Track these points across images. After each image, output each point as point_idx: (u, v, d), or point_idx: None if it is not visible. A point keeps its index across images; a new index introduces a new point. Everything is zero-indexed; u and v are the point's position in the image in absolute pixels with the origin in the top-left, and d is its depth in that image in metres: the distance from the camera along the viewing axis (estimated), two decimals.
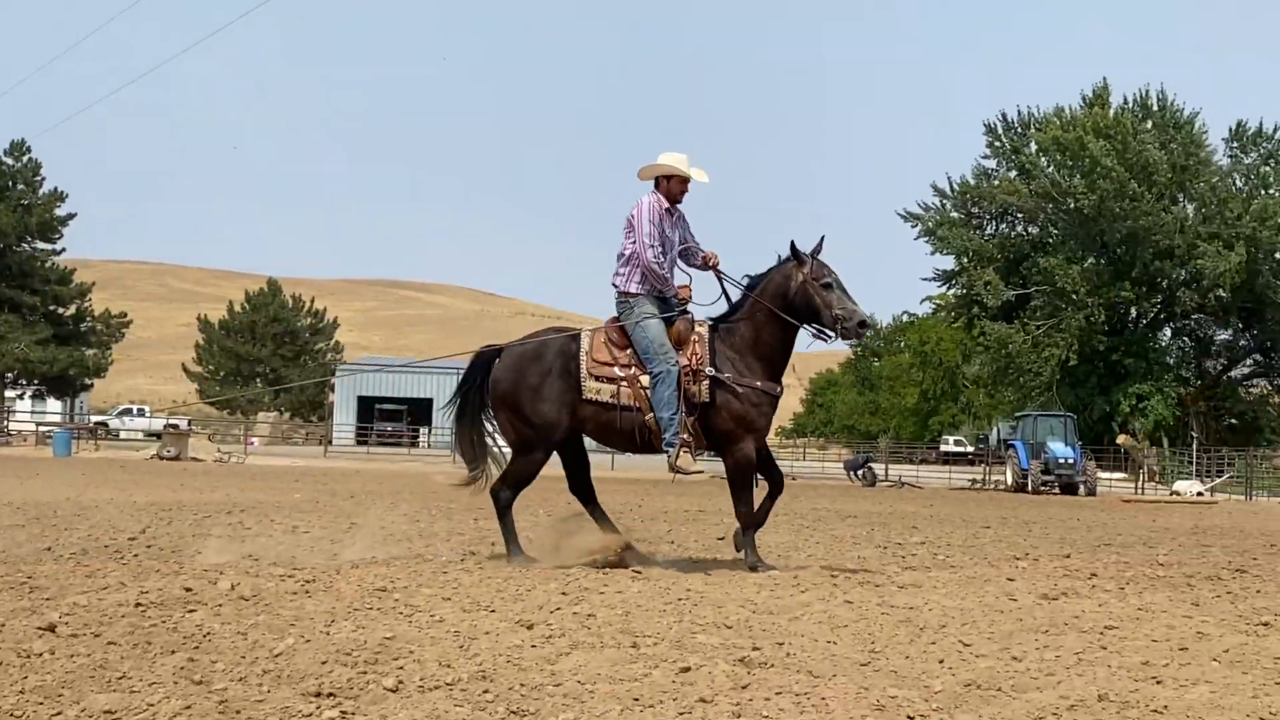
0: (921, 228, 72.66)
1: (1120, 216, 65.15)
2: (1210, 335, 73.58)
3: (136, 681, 5.63)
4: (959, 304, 74.35)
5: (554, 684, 5.87)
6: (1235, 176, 69.15)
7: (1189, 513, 30.72)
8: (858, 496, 34.60)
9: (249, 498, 20.65)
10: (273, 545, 12.14)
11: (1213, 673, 6.76)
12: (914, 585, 10.35)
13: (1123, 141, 65.84)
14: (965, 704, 5.76)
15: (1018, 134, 72.52)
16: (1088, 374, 67.75)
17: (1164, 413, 65.48)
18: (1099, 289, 66.58)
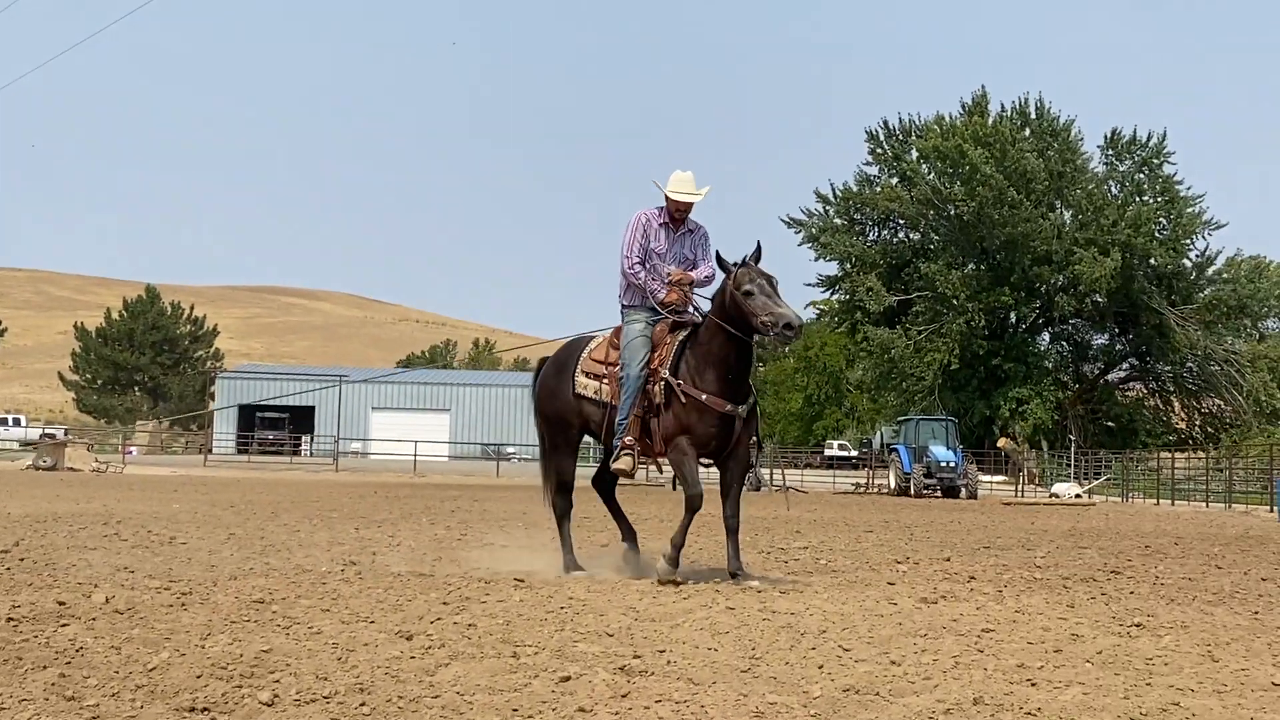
0: (805, 233, 73.13)
1: (999, 223, 66.08)
2: (1088, 340, 74.68)
3: (6, 698, 5.53)
4: (842, 309, 74.92)
5: (432, 695, 5.84)
6: (1111, 184, 70.33)
7: (1067, 515, 31.16)
8: (744, 501, 34.70)
9: (127, 508, 20.36)
10: (149, 557, 11.98)
11: (1086, 674, 6.85)
12: (795, 590, 10.42)
13: (1001, 149, 66.80)
14: (843, 709, 5.80)
15: (899, 141, 73.17)
16: (969, 378, 68.46)
17: (1043, 416, 66.34)
18: (979, 294, 67.38)
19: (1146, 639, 8.24)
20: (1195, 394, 72.72)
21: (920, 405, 64.14)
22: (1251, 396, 67.80)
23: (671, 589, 10.20)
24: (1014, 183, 66.03)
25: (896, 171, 72.45)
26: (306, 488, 35.06)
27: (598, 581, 10.65)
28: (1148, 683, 6.67)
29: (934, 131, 70.08)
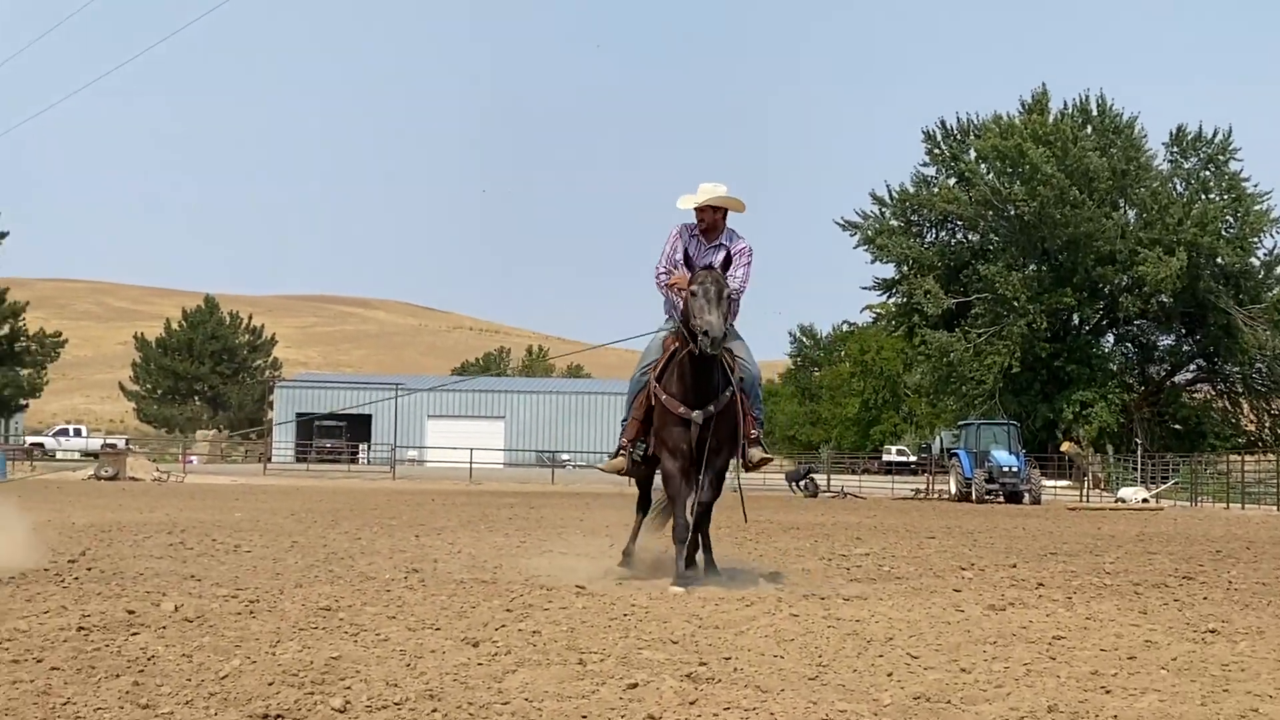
0: (860, 236, 72.40)
1: (1061, 223, 65.24)
2: (1153, 341, 73.87)
3: (81, 707, 5.60)
4: (899, 313, 74.35)
5: (501, 702, 5.88)
6: (1175, 182, 69.50)
7: (1134, 520, 30.89)
8: (800, 508, 34.68)
9: (190, 517, 20.52)
10: (215, 566, 12.07)
11: (1162, 681, 6.82)
12: (860, 598, 10.38)
13: (1062, 148, 65.97)
14: (914, 717, 5.80)
15: (956, 141, 72.52)
16: (1030, 381, 67.89)
17: (1108, 419, 65.64)
18: (1040, 296, 66.72)
19: (1222, 645, 8.19)
20: (1265, 395, 71.78)
21: (980, 409, 63.63)
22: None
23: (735, 598, 10.19)
24: (1076, 182, 65.22)
25: (954, 172, 71.80)
26: (365, 495, 35.23)
27: (659, 589, 10.64)
28: (1225, 689, 6.64)
29: (992, 131, 69.26)
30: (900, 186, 73.23)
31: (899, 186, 73.26)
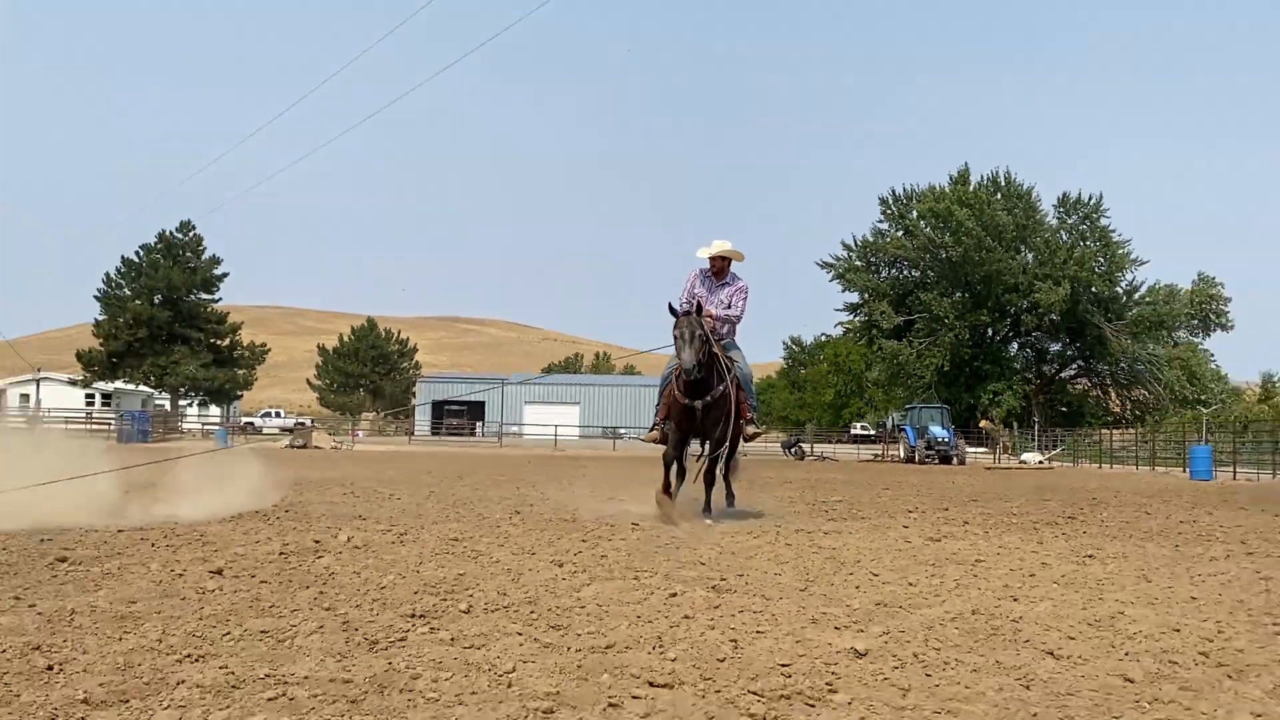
0: (834, 272, 73.60)
1: (979, 263, 66.19)
2: (1046, 347, 73.90)
3: (283, 609, 5.64)
4: (862, 327, 74.47)
5: (579, 606, 5.90)
6: (1062, 233, 69.76)
7: (1032, 476, 30.76)
8: (792, 468, 34.60)
9: (357, 474, 20.64)
10: (375, 509, 12.14)
11: (1053, 592, 6.79)
12: (835, 532, 10.37)
13: (979, 209, 66.88)
14: (876, 617, 5.78)
15: (903, 204, 73.02)
16: (957, 376, 67.99)
17: (1013, 403, 66.04)
18: (964, 315, 67.31)
19: (1097, 566, 8.15)
20: (1126, 386, 71.87)
21: (921, 396, 63.45)
22: (1168, 388, 67.71)
23: (746, 532, 10.17)
24: (989, 233, 65.95)
25: (901, 226, 72.14)
26: (480, 459, 35.34)
27: (693, 527, 10.63)
28: (1100, 598, 6.60)
29: (929, 196, 70.24)
30: (863, 237, 74.18)
31: (862, 237, 74.34)
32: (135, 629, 5.08)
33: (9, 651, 4.54)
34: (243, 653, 4.67)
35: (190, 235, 78.33)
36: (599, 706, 3.97)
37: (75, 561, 7.18)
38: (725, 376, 11.27)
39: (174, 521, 9.85)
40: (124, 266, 77.26)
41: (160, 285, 76.08)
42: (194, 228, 78.78)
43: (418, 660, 4.59)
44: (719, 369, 11.29)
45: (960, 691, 4.34)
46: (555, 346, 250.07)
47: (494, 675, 4.38)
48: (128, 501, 11.15)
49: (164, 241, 77.53)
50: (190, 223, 78.83)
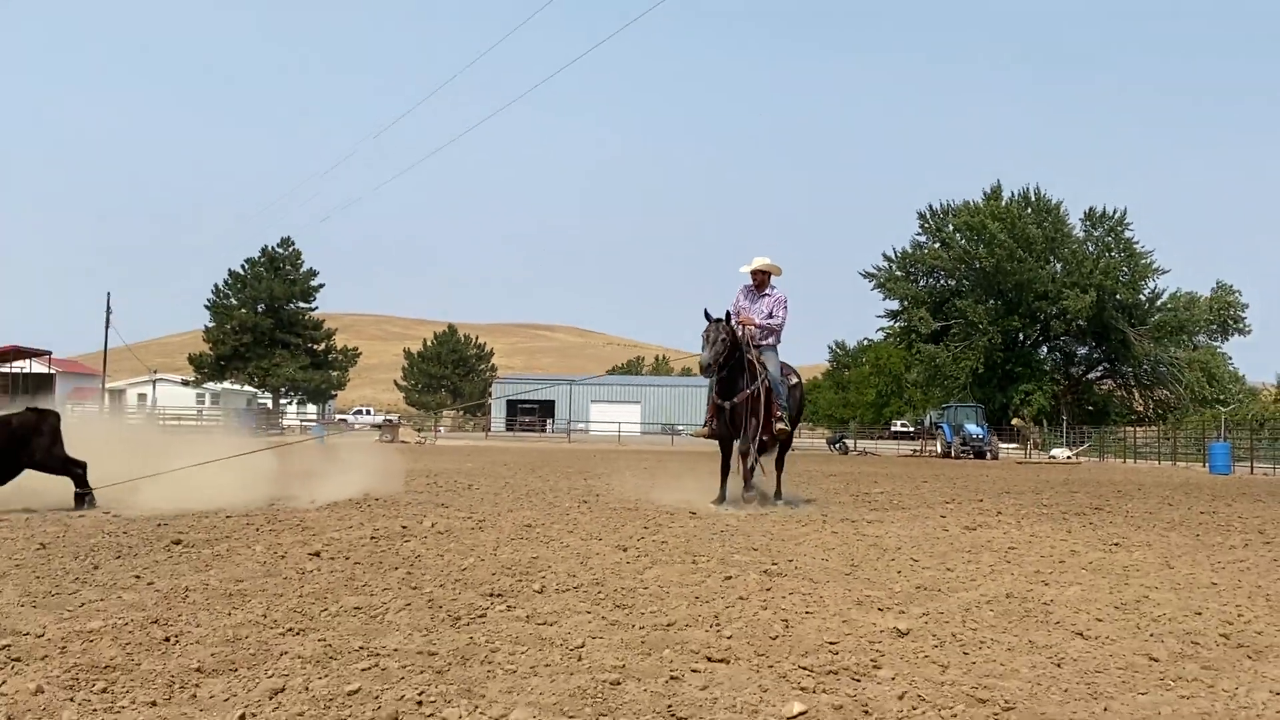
0: (876, 281, 73.47)
1: (1010, 273, 65.79)
2: (1073, 351, 73.18)
3: (374, 588, 5.70)
4: (902, 333, 73.99)
5: (643, 587, 5.90)
6: (1088, 244, 69.02)
7: (1062, 470, 30.29)
8: (837, 462, 34.36)
9: (439, 466, 20.78)
10: (456, 498, 12.23)
11: (1082, 577, 6.69)
12: (878, 521, 10.29)
13: (1011, 223, 66.47)
14: (916, 600, 5.73)
15: (940, 218, 72.56)
16: (990, 378, 67.41)
17: (1043, 403, 65.43)
18: (997, 321, 66.91)
19: (1123, 553, 8.02)
20: (1149, 387, 70.96)
21: (957, 396, 62.86)
22: (1188, 388, 66.81)
23: (795, 520, 10.12)
24: (1020, 245, 65.64)
25: (938, 239, 71.74)
26: (550, 453, 35.48)
27: (745, 514, 10.60)
28: (1126, 583, 6.49)
29: (964, 211, 69.98)
30: (902, 249, 73.90)
31: (901, 249, 73.95)
32: (242, 605, 5.15)
33: (131, 624, 4.63)
34: (339, 627, 4.72)
35: (290, 250, 79.44)
36: (661, 679, 3.97)
37: (189, 544, 7.30)
38: (756, 379, 11.51)
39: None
40: (231, 278, 78.55)
41: (263, 295, 77.30)
42: (293, 243, 79.94)
43: (496, 635, 4.62)
44: (750, 372, 11.51)
45: (996, 668, 4.29)
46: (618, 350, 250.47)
47: (565, 649, 4.39)
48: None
49: (267, 255, 78.73)
50: (290, 239, 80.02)
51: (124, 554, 6.80)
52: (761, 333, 11.89)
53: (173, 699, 3.61)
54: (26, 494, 9.80)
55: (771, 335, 12.03)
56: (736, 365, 11.37)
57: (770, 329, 12.01)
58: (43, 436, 9.67)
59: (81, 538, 7.54)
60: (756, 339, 11.78)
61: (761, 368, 11.65)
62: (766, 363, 11.80)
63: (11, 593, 5.33)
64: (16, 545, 7.08)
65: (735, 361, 11.34)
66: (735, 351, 11.31)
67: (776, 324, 12.05)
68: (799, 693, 3.85)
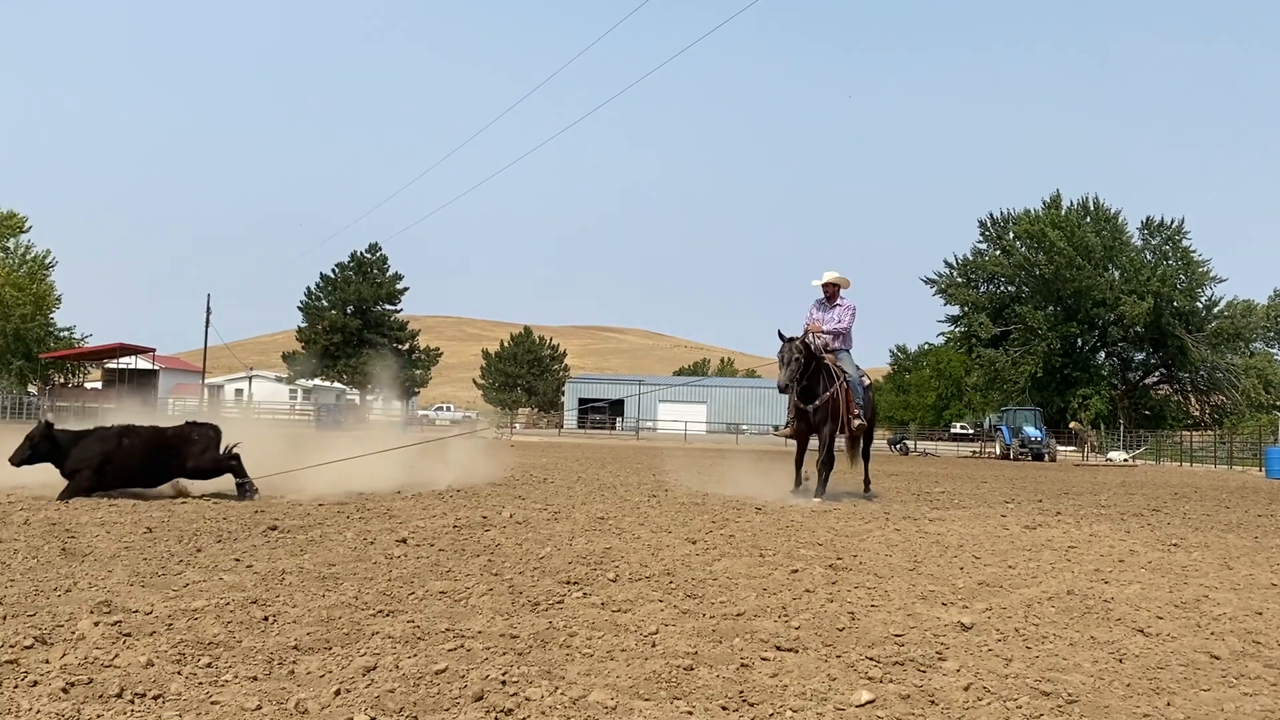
0: (937, 287, 72.36)
1: (1069, 280, 64.61)
2: (1131, 356, 71.51)
3: (458, 574, 5.75)
4: (962, 338, 72.97)
5: (712, 578, 5.88)
6: (1146, 253, 67.57)
7: (1119, 473, 29.65)
8: (897, 462, 33.98)
9: (515, 462, 20.90)
10: (532, 491, 12.30)
11: (1141, 577, 6.54)
12: (940, 519, 10.16)
13: (1070, 231, 65.33)
14: (979, 595, 5.64)
15: (1000, 226, 71.48)
16: (1049, 382, 66.22)
17: (1100, 407, 64.10)
18: (1056, 327, 65.79)
19: (1181, 554, 7.82)
20: (1206, 392, 69.17)
21: (1016, 399, 61.98)
22: (1244, 394, 65.04)
23: (859, 517, 10.03)
24: (1079, 253, 64.37)
25: (999, 246, 70.63)
26: (621, 450, 35.55)
27: (810, 510, 10.54)
28: (1185, 582, 6.34)
29: (1025, 219, 68.73)
30: (963, 256, 72.67)
31: (962, 256, 72.78)
32: (335, 587, 5.23)
33: (232, 604, 4.72)
34: (425, 610, 4.77)
35: (377, 255, 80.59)
36: (733, 665, 3.95)
37: (284, 530, 7.42)
38: (834, 383, 12.00)
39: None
40: (323, 282, 79.92)
41: (352, 298, 78.56)
42: (380, 249, 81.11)
43: (574, 620, 4.63)
44: (827, 377, 11.98)
45: (1058, 662, 4.21)
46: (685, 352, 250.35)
47: (640, 635, 4.39)
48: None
49: (356, 261, 79.97)
50: (377, 245, 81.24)
51: (224, 538, 6.93)
52: (832, 338, 12.39)
53: (272, 674, 3.68)
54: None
55: (839, 339, 12.47)
56: (814, 372, 11.86)
57: (837, 333, 12.45)
58: (194, 445, 9.93)
59: (184, 523, 7.70)
60: (829, 345, 12.29)
61: (839, 370, 12.14)
62: (844, 365, 12.29)
63: (121, 573, 5.45)
64: (125, 529, 7.24)
65: (813, 369, 11.84)
66: (811, 362, 11.81)
67: (842, 328, 12.48)
68: (866, 682, 3.81)
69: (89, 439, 9.62)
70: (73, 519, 7.66)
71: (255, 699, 3.36)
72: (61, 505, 8.59)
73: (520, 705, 3.39)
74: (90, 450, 9.50)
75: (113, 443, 9.58)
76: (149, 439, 9.81)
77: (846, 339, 12.58)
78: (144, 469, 9.72)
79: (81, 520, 7.60)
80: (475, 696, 3.45)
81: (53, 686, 3.38)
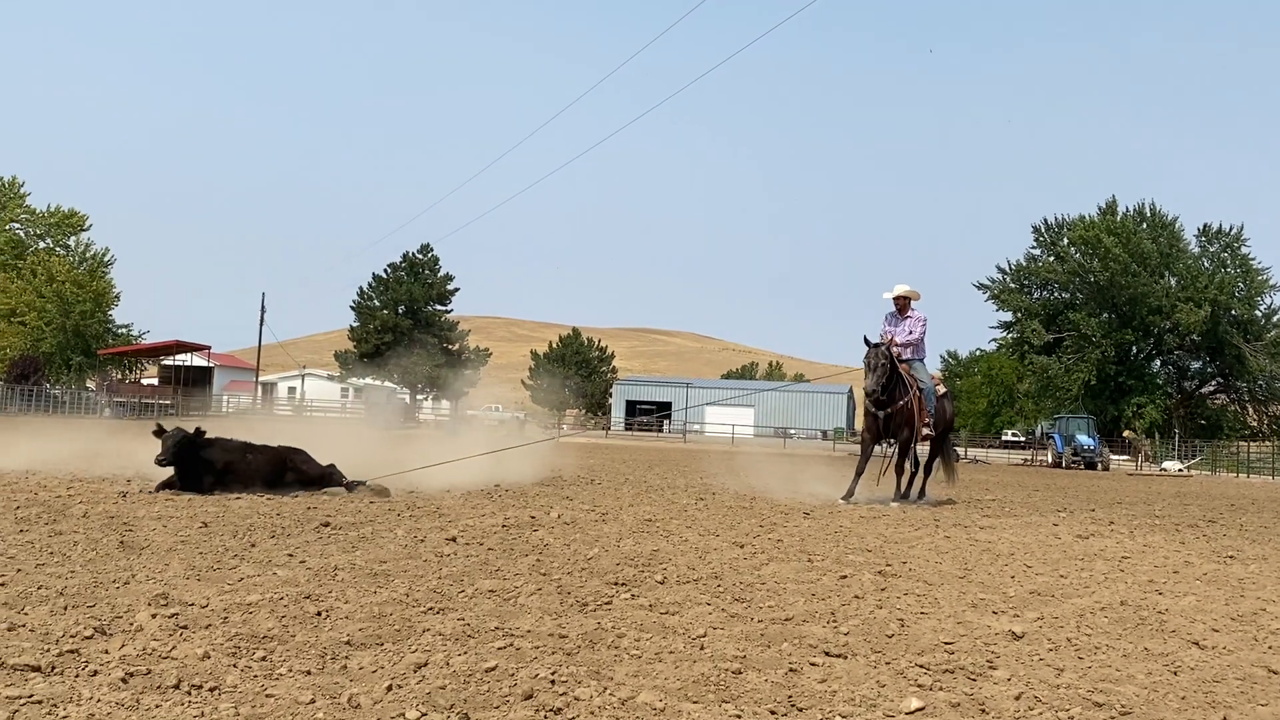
0: (989, 293, 71.60)
1: (1124, 286, 63.71)
2: (1187, 365, 70.34)
3: (506, 573, 5.79)
4: (1014, 344, 72.17)
5: (760, 583, 5.86)
6: (1204, 259, 66.45)
7: (1173, 483, 29.14)
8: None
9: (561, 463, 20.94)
10: (579, 492, 12.33)
11: (1197, 589, 6.43)
12: (990, 527, 10.05)
13: (1126, 237, 64.40)
14: (1030, 604, 5.58)
15: (1055, 231, 70.58)
16: (1103, 390, 65.33)
17: (1155, 416, 63.09)
18: (1110, 334, 64.89)
19: (1238, 566, 7.68)
20: (1264, 402, 67.88)
21: (1069, 407, 61.17)
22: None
23: (908, 524, 9.96)
24: (1135, 260, 63.43)
25: (1053, 252, 69.75)
26: (667, 452, 35.55)
27: (859, 515, 10.48)
28: (1241, 595, 6.22)
29: (1079, 225, 67.88)
30: (1016, 261, 71.81)
31: (1015, 261, 71.91)
32: (386, 584, 5.28)
33: (286, 599, 4.78)
34: (475, 608, 4.80)
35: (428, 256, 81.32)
36: (781, 670, 3.94)
37: (336, 526, 7.51)
38: (908, 392, 12.45)
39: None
40: (374, 282, 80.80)
41: (403, 298, 79.33)
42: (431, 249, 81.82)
43: (622, 622, 4.64)
44: (902, 385, 12.44)
45: (1112, 674, 4.16)
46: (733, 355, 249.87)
47: (688, 638, 4.39)
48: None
49: (407, 261, 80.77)
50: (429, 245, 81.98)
51: (278, 534, 7.03)
52: (904, 349, 12.82)
53: (325, 669, 3.73)
54: None
55: (910, 349, 12.90)
56: (890, 379, 12.31)
57: (909, 343, 12.88)
58: (298, 456, 10.48)
59: (239, 518, 7.81)
60: (903, 355, 12.74)
61: (913, 379, 12.62)
62: (918, 375, 12.77)
63: (178, 566, 5.55)
64: (180, 523, 7.37)
65: (893, 377, 12.35)
66: (894, 371, 12.34)
67: (914, 339, 12.92)
68: (916, 689, 3.78)
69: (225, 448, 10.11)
70: (130, 513, 7.81)
71: (309, 693, 3.40)
72: (119, 499, 8.76)
73: (569, 705, 3.41)
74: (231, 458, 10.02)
75: (237, 454, 10.06)
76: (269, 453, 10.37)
77: (919, 349, 13.03)
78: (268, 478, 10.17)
79: (138, 514, 7.74)
80: (525, 695, 3.47)
81: (112, 676, 3.45)
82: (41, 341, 61.33)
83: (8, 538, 6.28)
